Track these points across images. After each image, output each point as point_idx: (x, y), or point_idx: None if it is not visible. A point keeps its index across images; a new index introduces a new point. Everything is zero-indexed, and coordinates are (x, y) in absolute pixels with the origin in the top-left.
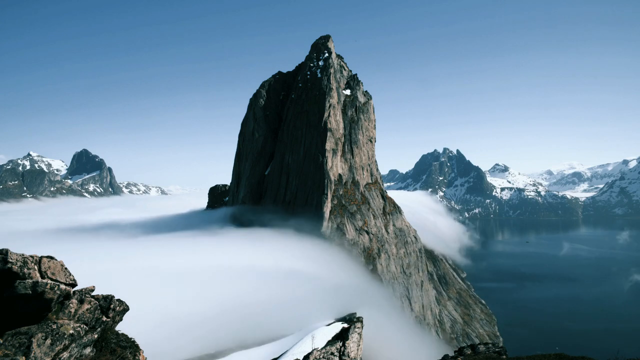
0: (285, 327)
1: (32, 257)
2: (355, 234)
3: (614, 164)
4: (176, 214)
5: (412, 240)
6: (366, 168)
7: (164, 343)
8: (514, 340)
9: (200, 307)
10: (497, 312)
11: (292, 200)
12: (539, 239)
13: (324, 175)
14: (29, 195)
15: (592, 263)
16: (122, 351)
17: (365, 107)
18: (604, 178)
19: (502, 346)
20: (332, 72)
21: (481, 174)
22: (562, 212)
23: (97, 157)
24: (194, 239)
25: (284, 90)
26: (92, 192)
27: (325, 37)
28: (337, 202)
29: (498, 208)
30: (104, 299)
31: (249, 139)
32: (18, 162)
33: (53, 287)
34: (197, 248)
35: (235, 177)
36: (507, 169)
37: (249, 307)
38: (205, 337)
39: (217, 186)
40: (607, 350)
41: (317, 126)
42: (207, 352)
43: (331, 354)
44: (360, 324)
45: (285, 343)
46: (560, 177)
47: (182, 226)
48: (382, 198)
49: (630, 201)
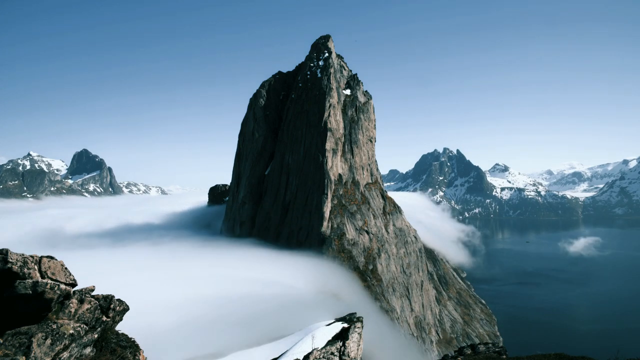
0: (285, 327)
1: (32, 257)
2: (355, 233)
3: (614, 164)
4: (176, 212)
5: (412, 240)
6: (366, 168)
7: (164, 343)
8: (514, 340)
9: (200, 307)
10: (497, 312)
11: (292, 200)
12: (539, 238)
13: (324, 175)
14: (29, 195)
15: (592, 263)
16: (122, 351)
17: (365, 107)
18: (604, 178)
19: (502, 346)
20: (332, 72)
21: (481, 173)
22: (562, 212)
23: (97, 157)
24: (196, 244)
25: (284, 90)
26: (92, 192)
27: (325, 37)
28: (337, 202)
29: (498, 208)
30: (104, 299)
31: (249, 138)
32: (18, 162)
33: (53, 287)
34: (199, 253)
35: (235, 177)
36: (507, 168)
37: (249, 307)
38: (205, 337)
39: (217, 186)
40: (607, 350)
41: (317, 126)
42: (207, 352)
43: (331, 353)
44: (360, 323)
45: (285, 343)
46: (560, 177)
47: (182, 227)
48: (382, 198)
49: (631, 201)
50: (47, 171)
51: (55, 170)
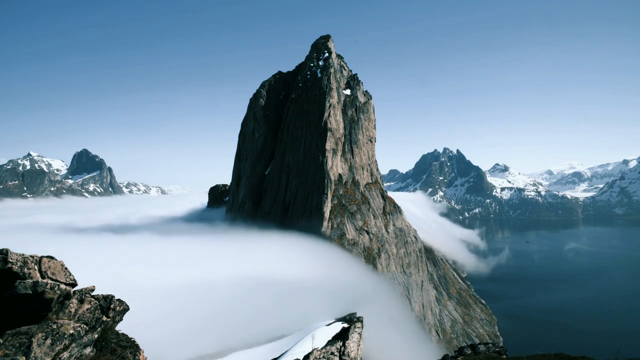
0: (285, 327)
1: (32, 257)
2: (355, 233)
3: (614, 164)
4: (176, 213)
5: (412, 240)
6: (366, 168)
7: (164, 343)
8: (514, 340)
9: (200, 307)
10: (497, 312)
11: (293, 200)
12: (539, 238)
13: (324, 175)
14: (29, 195)
15: (592, 263)
16: (122, 351)
17: (366, 107)
18: (604, 178)
19: (502, 346)
20: (332, 72)
21: (481, 173)
22: (562, 212)
23: (97, 157)
24: (194, 238)
25: (284, 90)
26: (92, 192)
27: (325, 37)
28: (337, 202)
29: (498, 208)
30: (104, 299)
31: (249, 138)
32: (18, 162)
33: (53, 287)
34: (198, 247)
35: (235, 177)
36: (507, 168)
37: (249, 307)
38: (205, 337)
39: (217, 186)
40: (607, 350)
41: (317, 126)
42: (207, 352)
43: (331, 353)
44: (361, 323)
45: (285, 343)
46: (560, 177)
47: (181, 225)
48: (382, 198)
49: (631, 201)
50: (47, 171)
51: (55, 170)
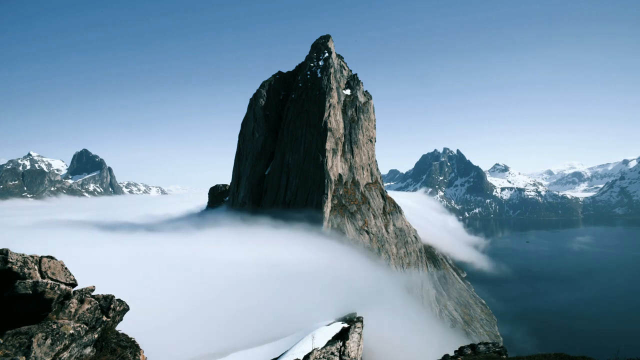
0: (285, 327)
1: (33, 257)
2: (356, 233)
3: (614, 164)
4: (176, 213)
5: (412, 240)
6: (366, 168)
7: (164, 343)
8: (514, 340)
9: (200, 307)
10: (497, 312)
11: (293, 200)
12: (539, 238)
13: (324, 175)
14: (29, 195)
15: (592, 263)
16: (122, 351)
17: (366, 107)
18: (604, 178)
19: (502, 346)
20: (332, 72)
21: (481, 173)
22: (562, 212)
23: (97, 157)
24: (194, 237)
25: (284, 90)
26: (92, 192)
27: (325, 37)
28: (337, 202)
29: (498, 208)
30: (104, 299)
31: (249, 138)
32: (18, 162)
33: (53, 287)
34: (197, 240)
35: (235, 177)
36: (507, 168)
37: (249, 307)
38: (205, 337)
39: (217, 186)
40: (607, 350)
41: (317, 126)
42: (207, 352)
43: (331, 353)
44: (361, 323)
45: (285, 343)
46: (560, 177)
47: (182, 225)
48: (382, 198)
49: (631, 201)
50: (47, 171)
51: (56, 170)
